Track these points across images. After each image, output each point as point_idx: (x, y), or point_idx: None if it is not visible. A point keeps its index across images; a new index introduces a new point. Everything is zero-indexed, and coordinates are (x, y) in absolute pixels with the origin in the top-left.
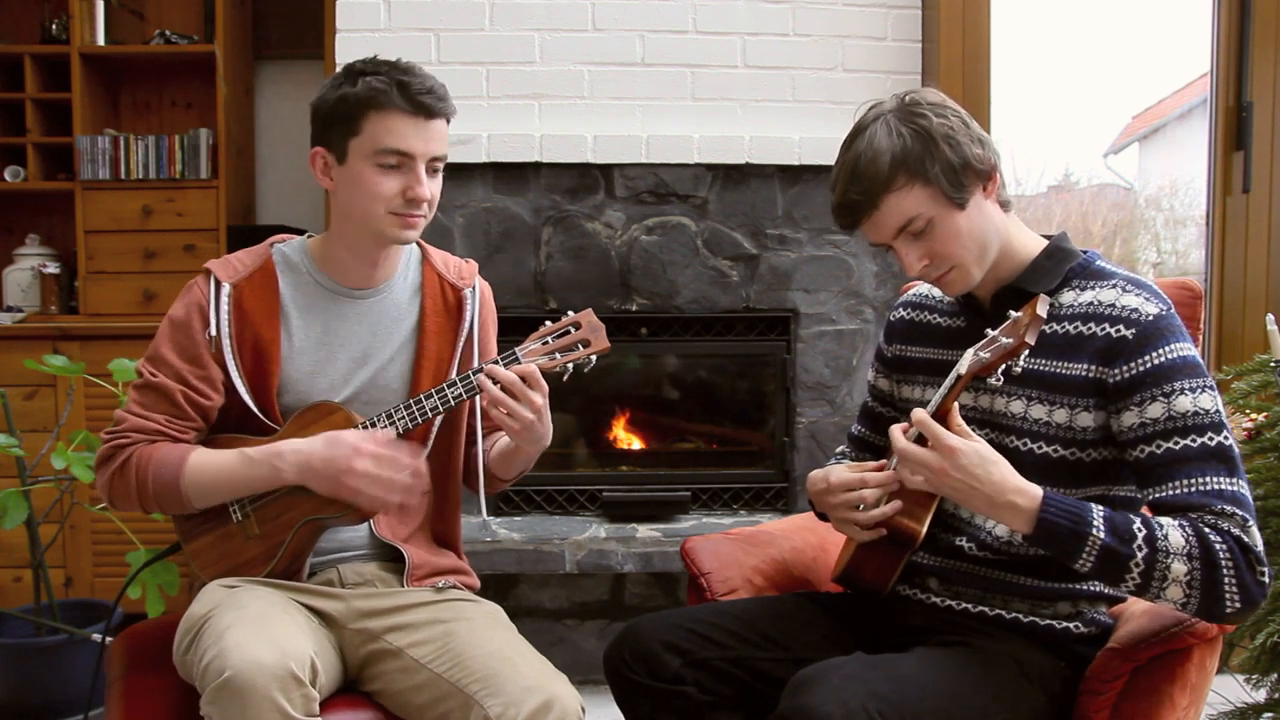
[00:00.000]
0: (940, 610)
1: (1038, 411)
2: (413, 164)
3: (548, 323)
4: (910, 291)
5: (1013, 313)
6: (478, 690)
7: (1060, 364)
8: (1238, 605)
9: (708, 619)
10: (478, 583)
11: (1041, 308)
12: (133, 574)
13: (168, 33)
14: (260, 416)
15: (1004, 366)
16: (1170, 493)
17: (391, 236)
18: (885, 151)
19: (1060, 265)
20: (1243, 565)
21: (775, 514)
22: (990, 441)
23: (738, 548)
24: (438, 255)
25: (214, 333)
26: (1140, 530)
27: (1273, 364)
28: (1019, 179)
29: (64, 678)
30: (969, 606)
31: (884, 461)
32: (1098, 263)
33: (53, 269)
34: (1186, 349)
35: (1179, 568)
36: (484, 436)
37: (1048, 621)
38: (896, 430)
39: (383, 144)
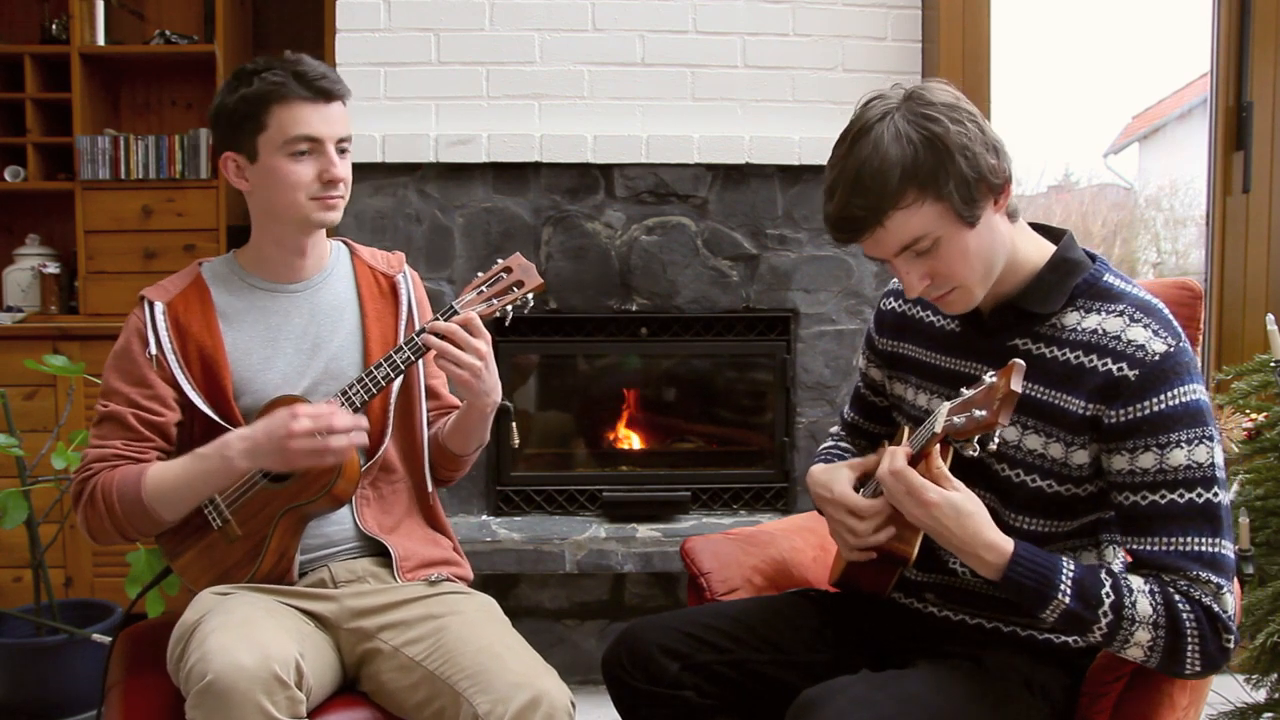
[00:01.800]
0: (939, 620)
1: (1033, 442)
2: (323, 147)
3: (479, 274)
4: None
5: (987, 377)
6: (467, 687)
7: (1059, 395)
8: (1198, 669)
9: (706, 622)
10: (470, 574)
11: (1016, 383)
12: (143, 590)
13: (168, 33)
14: (222, 423)
15: (979, 438)
16: (1148, 548)
17: (316, 220)
18: (895, 164)
19: (1066, 281)
20: (1208, 634)
21: (775, 514)
22: (977, 462)
23: (738, 548)
24: (364, 250)
25: (154, 351)
26: (1108, 596)
27: (1273, 364)
28: (1019, 179)
29: (64, 678)
30: (966, 618)
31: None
32: (1106, 278)
33: (53, 269)
34: (1191, 393)
35: (1142, 635)
36: (430, 424)
37: (1045, 635)
38: (884, 460)
39: (291, 133)
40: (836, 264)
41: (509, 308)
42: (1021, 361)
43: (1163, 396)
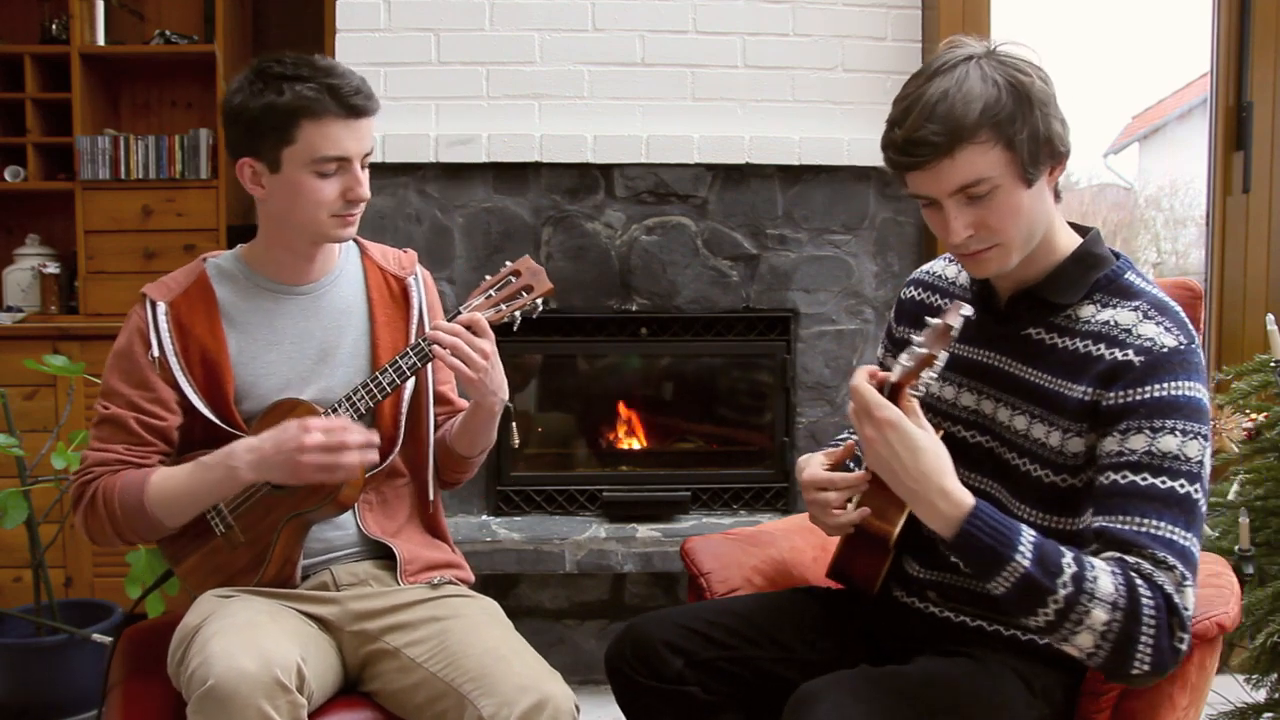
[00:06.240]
0: (939, 620)
1: (1038, 430)
2: (350, 165)
3: (487, 277)
4: (923, 269)
5: (929, 319)
6: (471, 690)
7: (1064, 383)
8: (1145, 669)
9: (710, 618)
10: (472, 576)
11: (954, 319)
12: (145, 592)
13: (168, 33)
14: (223, 426)
15: (922, 377)
16: (1117, 525)
17: (333, 236)
18: (978, 98)
19: (1088, 274)
20: (1164, 628)
21: (775, 514)
22: (989, 451)
23: (738, 548)
24: (375, 249)
25: (156, 353)
26: (1069, 566)
27: (1273, 364)
28: None
29: (64, 678)
30: (967, 620)
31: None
32: (1127, 275)
33: (53, 269)
34: (1194, 389)
35: (1099, 615)
36: (437, 427)
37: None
38: (861, 380)
39: (321, 152)
40: (836, 264)
41: (517, 313)
42: (964, 303)
43: (1165, 385)
